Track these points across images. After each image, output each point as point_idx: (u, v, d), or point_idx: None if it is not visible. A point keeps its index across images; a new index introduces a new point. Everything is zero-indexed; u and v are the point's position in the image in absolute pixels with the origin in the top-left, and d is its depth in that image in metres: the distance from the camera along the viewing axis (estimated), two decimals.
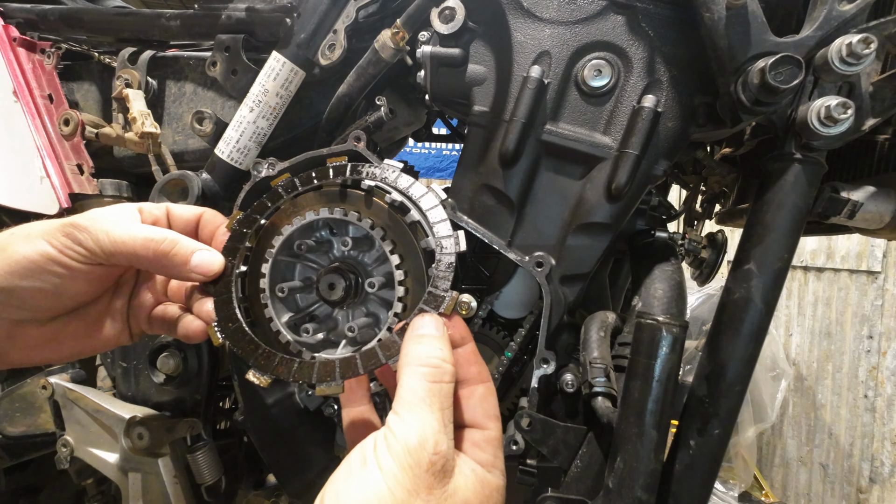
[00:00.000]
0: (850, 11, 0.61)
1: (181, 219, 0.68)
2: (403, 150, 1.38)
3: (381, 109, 0.80)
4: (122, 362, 0.95)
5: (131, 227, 0.61)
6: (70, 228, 0.59)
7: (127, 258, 0.60)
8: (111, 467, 0.91)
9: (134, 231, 0.60)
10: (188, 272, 0.61)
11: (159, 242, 0.60)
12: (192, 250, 0.62)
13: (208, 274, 0.62)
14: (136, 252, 0.60)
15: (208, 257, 0.62)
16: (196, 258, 0.61)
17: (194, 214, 0.68)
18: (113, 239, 0.59)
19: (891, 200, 0.72)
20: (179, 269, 0.61)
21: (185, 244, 0.62)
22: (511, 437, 0.70)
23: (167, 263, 0.61)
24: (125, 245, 0.59)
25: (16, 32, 1.02)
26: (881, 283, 3.47)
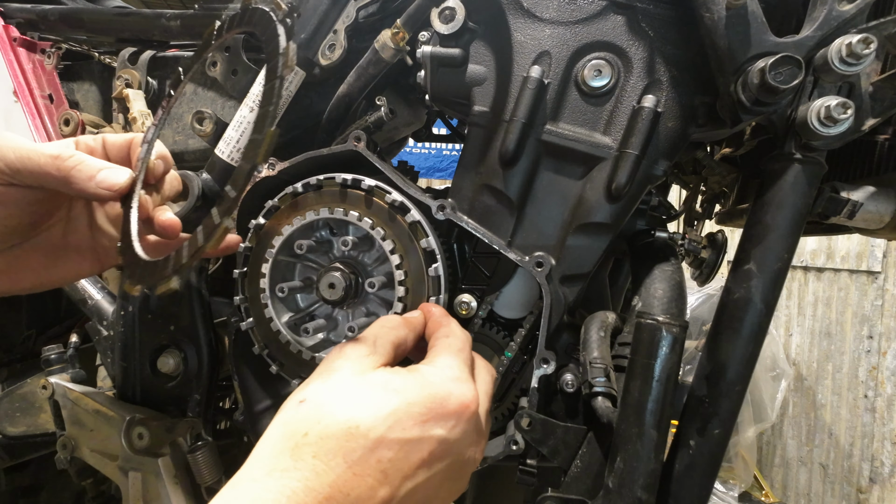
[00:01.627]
0: (850, 11, 0.61)
1: (114, 146, 0.67)
2: (403, 150, 1.38)
3: (381, 109, 0.80)
4: (122, 362, 0.95)
5: (39, 145, 0.60)
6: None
7: (34, 176, 0.60)
8: (111, 467, 0.91)
9: (41, 148, 0.60)
10: (95, 188, 0.60)
11: (65, 159, 0.60)
12: (99, 168, 0.61)
13: (113, 189, 0.61)
14: (43, 169, 0.59)
15: (113, 173, 0.62)
16: (102, 174, 0.61)
17: (125, 140, 0.67)
18: (19, 155, 0.59)
19: (891, 200, 0.72)
20: (86, 185, 0.60)
21: (91, 161, 0.61)
22: (511, 437, 0.70)
23: (73, 180, 0.60)
24: (31, 161, 0.59)
25: (16, 32, 1.02)
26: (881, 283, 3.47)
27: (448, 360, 0.57)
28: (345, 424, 0.48)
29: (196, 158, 0.97)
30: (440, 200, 0.72)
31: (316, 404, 0.50)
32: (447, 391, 0.53)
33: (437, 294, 0.71)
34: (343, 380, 0.52)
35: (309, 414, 0.49)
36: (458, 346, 0.59)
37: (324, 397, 0.51)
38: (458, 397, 0.53)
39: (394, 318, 0.62)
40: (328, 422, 0.48)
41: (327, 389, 0.52)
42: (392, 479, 0.48)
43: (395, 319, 0.62)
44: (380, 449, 0.48)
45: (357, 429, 0.48)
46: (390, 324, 0.61)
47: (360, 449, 0.47)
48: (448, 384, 0.54)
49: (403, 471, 0.49)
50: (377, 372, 0.54)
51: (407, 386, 0.52)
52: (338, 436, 0.47)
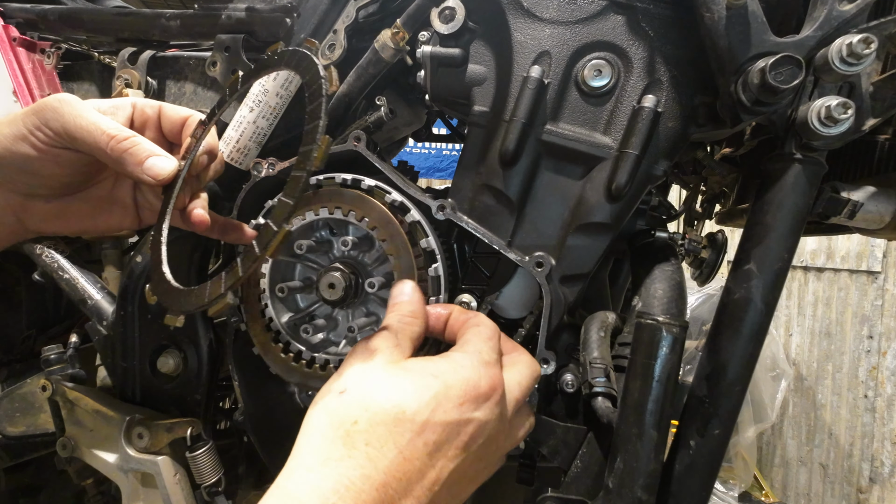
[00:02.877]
0: (851, 11, 0.61)
1: (169, 120, 0.69)
2: (403, 150, 1.38)
3: (381, 109, 0.80)
4: (122, 362, 0.95)
5: (102, 119, 0.62)
6: (41, 109, 0.61)
7: (88, 147, 0.61)
8: (111, 467, 0.91)
9: (102, 123, 0.61)
10: (141, 173, 0.62)
11: (120, 140, 0.61)
12: (149, 154, 0.62)
13: (157, 178, 0.62)
14: (97, 143, 0.61)
15: (161, 162, 0.63)
16: (150, 161, 0.62)
17: (181, 117, 0.69)
18: (79, 125, 0.61)
19: (891, 200, 0.72)
20: (133, 169, 0.62)
21: (144, 146, 0.62)
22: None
23: (123, 161, 0.61)
24: (89, 135, 0.61)
25: (16, 32, 1.02)
26: (881, 283, 3.47)
27: (478, 345, 0.58)
28: (392, 410, 0.49)
29: None
30: (440, 200, 0.72)
31: (360, 393, 0.51)
32: (478, 374, 0.55)
33: (437, 294, 0.71)
34: (380, 367, 0.54)
35: (354, 402, 0.50)
36: (487, 335, 0.60)
37: (366, 385, 0.52)
38: (488, 380, 0.55)
39: (410, 309, 0.62)
40: (376, 409, 0.49)
41: (368, 378, 0.53)
42: (437, 460, 0.50)
43: (411, 310, 0.62)
44: (426, 432, 0.50)
45: (404, 413, 0.49)
46: (409, 316, 0.61)
47: (408, 433, 0.49)
48: (479, 368, 0.55)
49: (447, 452, 0.51)
50: (411, 360, 0.56)
51: (442, 370, 0.54)
52: (387, 422, 0.49)
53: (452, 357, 0.56)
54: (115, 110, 0.65)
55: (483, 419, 0.54)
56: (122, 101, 0.66)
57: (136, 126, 0.66)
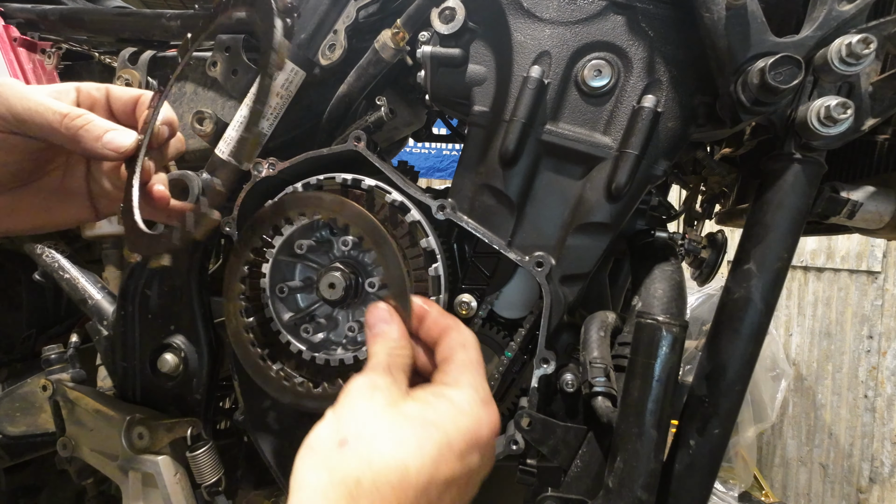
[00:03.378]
0: (850, 11, 0.61)
1: (119, 101, 0.67)
2: (403, 150, 1.38)
3: (382, 109, 0.80)
4: (122, 362, 0.95)
5: (49, 100, 0.60)
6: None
7: (40, 129, 0.60)
8: (111, 467, 0.91)
9: (50, 103, 0.60)
10: (101, 149, 0.61)
11: (73, 118, 0.60)
12: (106, 129, 0.61)
13: (119, 151, 0.61)
14: (49, 123, 0.59)
15: (120, 136, 0.62)
16: (108, 135, 0.61)
17: (132, 97, 0.67)
18: (27, 107, 0.59)
19: (891, 200, 0.72)
20: (92, 146, 0.61)
21: (99, 122, 0.61)
22: (511, 436, 0.70)
23: (79, 139, 0.60)
24: (39, 115, 0.59)
25: (16, 32, 1.02)
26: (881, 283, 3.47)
27: (471, 378, 0.56)
28: (395, 470, 0.47)
29: (196, 158, 0.97)
30: (440, 200, 0.72)
31: (361, 447, 0.49)
32: (478, 419, 0.53)
33: (437, 294, 0.71)
34: (380, 414, 0.51)
35: (356, 457, 0.48)
36: (476, 359, 0.58)
37: (368, 438, 0.49)
38: (489, 424, 0.54)
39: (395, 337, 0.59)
40: (379, 467, 0.47)
41: (368, 428, 0.50)
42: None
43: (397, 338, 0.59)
44: (429, 490, 0.48)
45: (408, 472, 0.48)
46: (398, 348, 0.58)
47: (412, 491, 0.47)
48: (478, 410, 0.54)
49: (444, 502, 0.50)
50: (408, 404, 0.53)
51: (443, 419, 0.52)
52: (392, 482, 0.47)
53: (448, 398, 0.54)
54: (58, 95, 0.63)
55: (481, 462, 0.53)
56: (65, 86, 0.64)
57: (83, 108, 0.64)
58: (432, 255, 0.71)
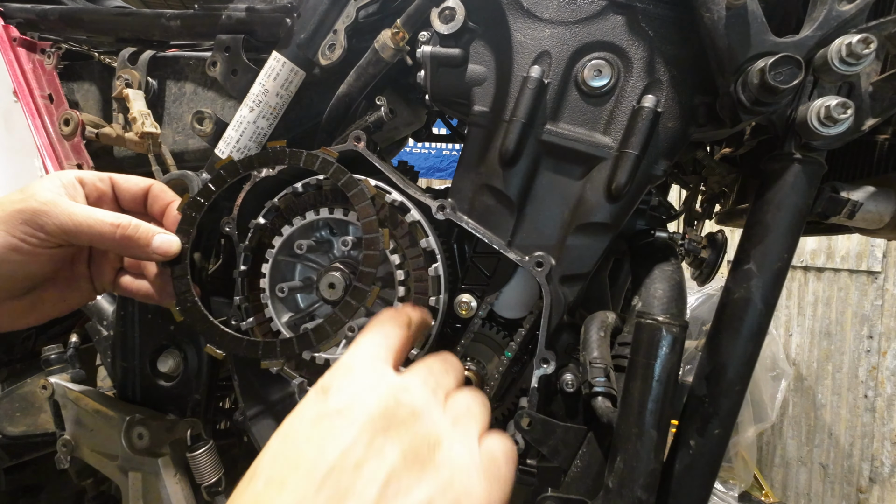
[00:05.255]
0: (850, 11, 0.61)
1: (128, 192, 0.71)
2: (403, 150, 1.38)
3: (381, 109, 0.80)
4: (122, 362, 0.95)
5: (95, 210, 0.65)
6: (30, 215, 0.62)
7: (90, 240, 0.64)
8: (111, 467, 0.91)
9: (98, 215, 0.64)
10: (150, 253, 0.66)
11: (125, 227, 0.65)
12: (153, 233, 0.67)
13: (168, 255, 0.67)
14: (102, 234, 0.64)
15: (167, 240, 0.67)
16: (156, 241, 0.66)
17: (141, 188, 0.72)
18: (77, 222, 0.63)
19: (891, 200, 0.72)
20: (142, 251, 0.66)
21: (146, 228, 0.67)
22: (511, 437, 0.70)
23: (130, 245, 0.65)
24: (90, 228, 0.63)
25: (16, 32, 1.02)
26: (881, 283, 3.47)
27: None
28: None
29: (196, 158, 0.97)
30: (440, 200, 0.72)
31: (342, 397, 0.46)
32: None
33: (437, 294, 0.71)
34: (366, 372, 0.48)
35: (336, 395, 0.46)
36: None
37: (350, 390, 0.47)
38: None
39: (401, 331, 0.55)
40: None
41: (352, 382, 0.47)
42: None
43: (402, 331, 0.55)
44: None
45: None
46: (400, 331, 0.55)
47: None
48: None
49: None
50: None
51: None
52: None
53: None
54: (74, 192, 0.66)
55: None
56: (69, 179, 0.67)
57: (91, 201, 0.68)
58: (432, 255, 0.71)
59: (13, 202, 0.62)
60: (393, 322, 0.54)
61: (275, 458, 0.42)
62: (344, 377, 0.46)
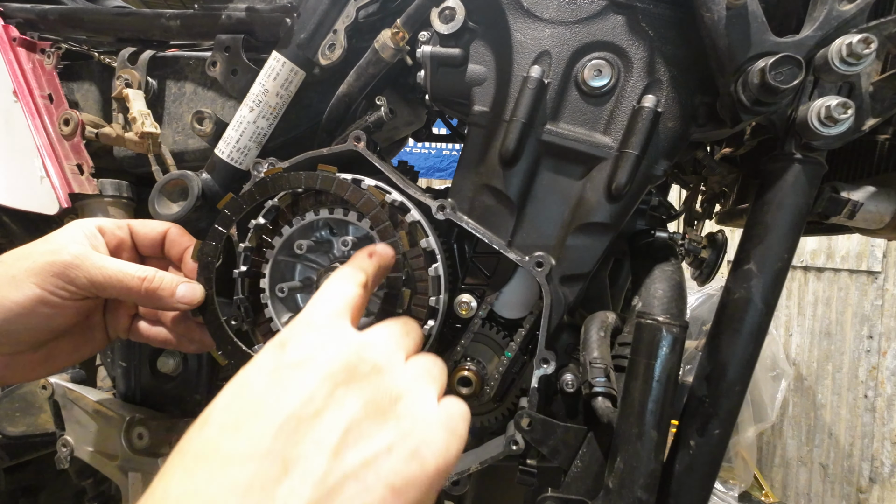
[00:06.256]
0: (851, 11, 0.61)
1: (146, 238, 0.73)
2: (403, 150, 1.38)
3: (381, 109, 0.80)
4: (122, 362, 0.95)
5: (123, 264, 0.66)
6: (62, 268, 0.62)
7: (118, 293, 0.66)
8: (111, 467, 0.91)
9: (127, 269, 0.66)
10: (174, 304, 0.67)
11: (150, 280, 0.66)
12: (177, 283, 0.68)
13: (192, 304, 0.68)
14: (129, 288, 0.65)
15: (192, 289, 0.69)
16: (180, 291, 0.68)
17: (159, 234, 0.73)
18: (107, 276, 0.64)
19: (891, 200, 0.72)
20: (167, 302, 0.67)
21: (170, 279, 0.68)
22: (511, 437, 0.70)
23: (154, 298, 0.67)
24: (119, 282, 0.65)
25: (16, 32, 1.02)
26: (881, 283, 3.47)
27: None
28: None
29: (196, 158, 0.97)
30: (440, 200, 0.72)
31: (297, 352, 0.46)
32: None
33: (437, 294, 0.71)
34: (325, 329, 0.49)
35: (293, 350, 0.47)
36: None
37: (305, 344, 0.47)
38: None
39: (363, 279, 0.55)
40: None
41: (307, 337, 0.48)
42: None
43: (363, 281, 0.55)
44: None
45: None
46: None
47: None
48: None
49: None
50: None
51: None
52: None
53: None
54: (94, 241, 0.67)
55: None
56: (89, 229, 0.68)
57: (111, 250, 0.69)
58: (432, 255, 0.71)
59: (42, 254, 0.63)
60: (351, 279, 0.54)
61: (228, 406, 0.41)
62: (303, 332, 0.45)
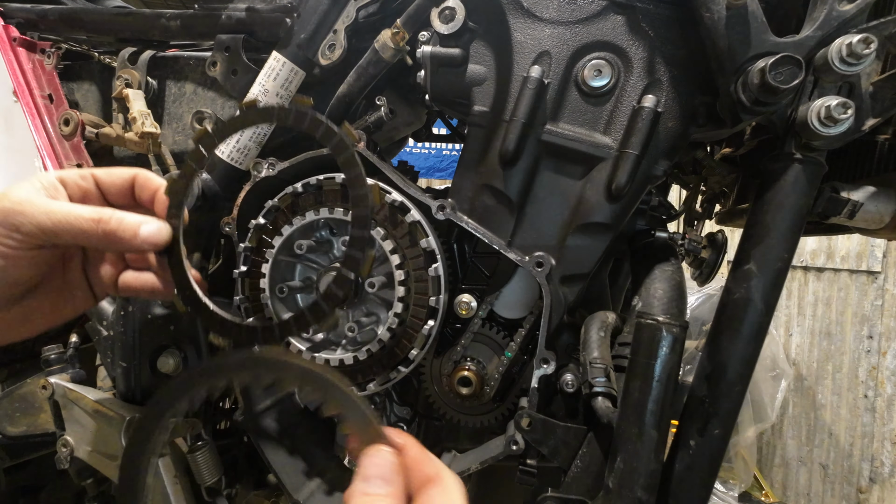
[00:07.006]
0: (850, 11, 0.61)
1: (113, 186, 0.66)
2: (403, 150, 1.38)
3: (381, 109, 0.80)
4: (122, 362, 0.95)
5: (73, 206, 0.60)
6: (3, 216, 0.58)
7: (73, 237, 0.60)
8: (111, 467, 0.91)
9: (78, 211, 0.60)
10: (139, 245, 0.61)
11: (107, 222, 0.60)
12: (139, 223, 0.61)
13: (158, 244, 0.62)
14: (83, 231, 0.60)
15: (155, 227, 0.62)
16: (143, 231, 0.61)
17: (126, 179, 0.66)
18: (55, 220, 0.59)
19: (891, 200, 0.72)
20: (130, 243, 0.61)
21: (130, 219, 0.61)
22: (511, 437, 0.70)
23: (115, 240, 0.60)
24: (70, 225, 0.59)
25: (16, 32, 1.02)
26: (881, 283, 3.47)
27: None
28: None
29: None
30: (440, 200, 0.72)
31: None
32: None
33: (437, 294, 0.71)
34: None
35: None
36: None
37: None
38: None
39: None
40: None
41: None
42: None
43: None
44: None
45: None
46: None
47: None
48: None
49: None
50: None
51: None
52: None
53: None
54: (55, 192, 0.62)
55: None
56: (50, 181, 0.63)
57: (76, 201, 0.64)
58: (432, 255, 0.71)
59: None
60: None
61: None
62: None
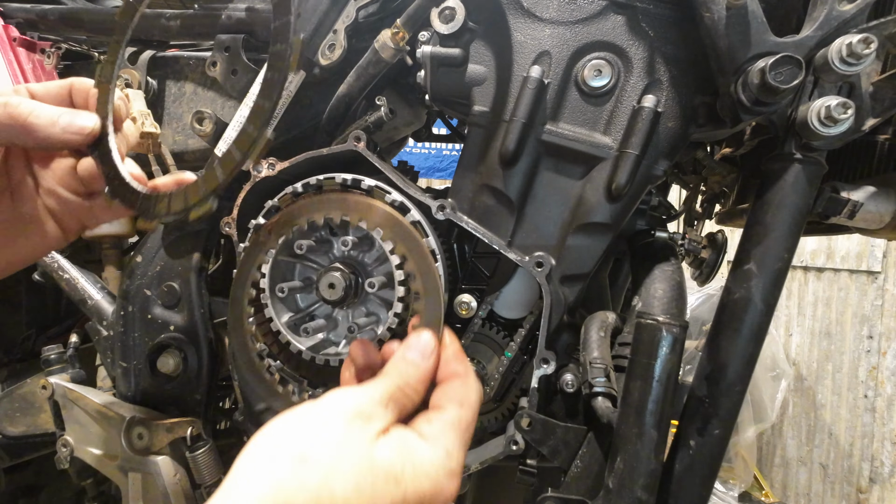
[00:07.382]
0: (850, 11, 0.61)
1: (49, 96, 0.59)
2: (403, 150, 1.38)
3: (381, 109, 0.80)
4: (122, 362, 0.95)
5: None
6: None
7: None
8: (111, 467, 0.91)
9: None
10: (62, 134, 0.55)
11: (15, 105, 0.53)
12: (59, 113, 0.55)
13: (83, 133, 0.55)
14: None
15: (79, 116, 0.56)
16: (65, 118, 0.55)
17: (62, 88, 0.60)
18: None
19: (891, 200, 0.72)
20: (50, 132, 0.54)
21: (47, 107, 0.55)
22: (511, 437, 0.70)
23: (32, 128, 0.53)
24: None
25: (16, 32, 1.02)
26: (881, 283, 3.47)
27: (451, 442, 0.52)
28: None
29: (196, 158, 0.97)
30: (440, 200, 0.72)
31: (317, 476, 0.44)
32: (439, 488, 0.50)
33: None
34: (348, 449, 0.47)
35: (308, 485, 0.44)
36: (467, 421, 0.54)
37: (326, 468, 0.45)
38: (447, 496, 0.51)
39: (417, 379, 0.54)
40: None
41: (332, 459, 0.46)
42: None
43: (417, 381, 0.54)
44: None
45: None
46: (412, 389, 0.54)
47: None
48: (442, 479, 0.50)
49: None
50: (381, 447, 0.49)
51: (407, 477, 0.48)
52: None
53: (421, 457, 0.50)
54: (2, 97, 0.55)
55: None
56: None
57: None
58: (432, 255, 0.71)
59: None
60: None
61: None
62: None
